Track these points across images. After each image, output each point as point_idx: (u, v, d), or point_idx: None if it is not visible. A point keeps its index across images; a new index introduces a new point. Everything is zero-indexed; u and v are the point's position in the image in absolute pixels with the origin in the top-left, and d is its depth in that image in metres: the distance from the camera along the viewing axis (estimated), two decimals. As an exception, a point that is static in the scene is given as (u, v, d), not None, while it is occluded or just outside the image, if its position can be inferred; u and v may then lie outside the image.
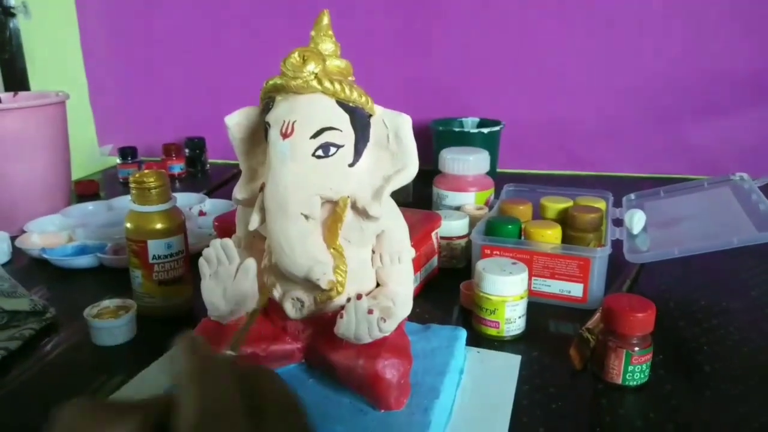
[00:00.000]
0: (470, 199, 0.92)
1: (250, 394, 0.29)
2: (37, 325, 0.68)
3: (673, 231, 0.78)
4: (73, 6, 1.49)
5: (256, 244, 0.53)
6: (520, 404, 0.54)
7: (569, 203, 0.88)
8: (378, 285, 0.51)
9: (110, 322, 0.65)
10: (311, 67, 0.45)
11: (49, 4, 1.44)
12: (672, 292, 0.77)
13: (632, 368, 0.57)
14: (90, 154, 1.49)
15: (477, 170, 0.93)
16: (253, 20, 1.42)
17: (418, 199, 1.06)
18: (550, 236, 0.78)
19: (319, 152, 0.46)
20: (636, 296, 0.59)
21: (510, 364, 0.57)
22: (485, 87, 1.35)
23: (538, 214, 0.89)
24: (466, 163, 0.92)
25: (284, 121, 0.46)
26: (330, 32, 0.49)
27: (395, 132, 0.48)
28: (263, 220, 0.48)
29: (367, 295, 0.50)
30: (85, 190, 1.22)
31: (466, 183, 0.93)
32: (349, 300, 0.45)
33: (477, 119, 1.26)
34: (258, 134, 0.52)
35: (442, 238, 0.83)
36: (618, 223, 0.84)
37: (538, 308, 0.70)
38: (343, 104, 0.47)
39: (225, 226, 0.79)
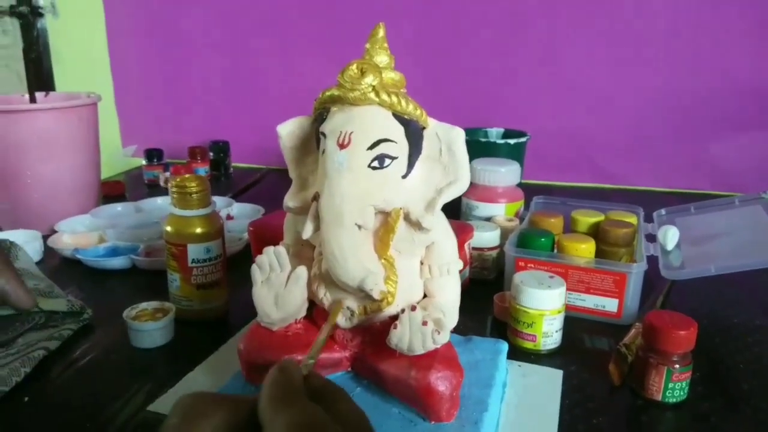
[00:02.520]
0: (500, 211, 0.92)
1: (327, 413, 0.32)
2: (75, 326, 0.69)
3: (706, 248, 0.78)
4: (101, 6, 1.50)
5: (305, 252, 0.53)
6: (562, 419, 0.54)
7: (601, 217, 0.88)
8: (425, 296, 0.52)
9: (149, 325, 0.65)
10: (369, 79, 0.46)
11: (78, 4, 1.45)
12: (704, 309, 0.77)
13: (672, 385, 0.57)
14: (113, 155, 1.50)
15: (508, 182, 0.93)
16: (280, 24, 1.43)
17: (446, 208, 1.04)
18: (584, 250, 0.78)
19: (375, 163, 0.46)
20: (677, 313, 0.59)
21: (552, 378, 0.57)
22: (510, 97, 1.35)
23: (569, 227, 0.89)
24: (498, 174, 0.92)
25: (341, 132, 0.46)
26: (385, 45, 0.50)
27: (448, 145, 0.48)
28: (316, 229, 0.48)
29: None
30: (111, 191, 1.23)
31: (497, 194, 0.93)
32: (403, 311, 0.45)
33: (502, 130, 1.26)
34: (309, 143, 0.52)
35: (474, 248, 0.83)
36: (651, 238, 0.83)
37: (572, 322, 0.70)
38: (398, 116, 0.47)
39: (260, 232, 0.80)
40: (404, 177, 0.48)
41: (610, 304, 0.73)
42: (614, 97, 1.30)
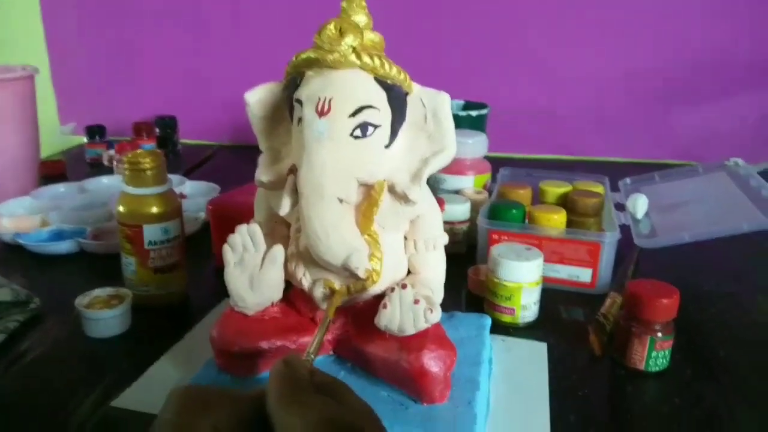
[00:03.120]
0: (469, 183, 0.90)
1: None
2: (21, 317, 0.63)
3: (675, 216, 0.78)
4: (33, -28, 1.39)
5: (279, 230, 0.50)
6: (550, 393, 0.53)
7: (568, 187, 0.87)
8: (408, 272, 0.49)
9: (104, 313, 0.60)
10: (349, 40, 0.42)
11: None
12: (673, 278, 0.76)
13: (655, 354, 0.57)
14: (51, 133, 1.40)
15: (475, 153, 0.91)
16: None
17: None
18: (556, 221, 0.77)
19: (357, 132, 0.43)
20: (658, 281, 0.59)
21: (537, 351, 0.56)
22: (471, 69, 1.33)
23: (537, 198, 0.88)
24: (465, 146, 0.89)
25: (320, 98, 0.42)
26: (363, 2, 0.46)
27: (434, 112, 0.45)
28: (294, 205, 0.44)
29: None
30: (51, 171, 1.15)
31: (465, 166, 0.90)
32: (393, 290, 0.42)
33: (462, 102, 1.23)
34: (280, 112, 0.48)
35: (444, 222, 0.80)
36: (619, 207, 0.83)
37: (546, 294, 0.69)
38: (380, 81, 0.44)
39: (220, 210, 0.75)
40: (387, 147, 0.45)
41: (584, 274, 0.72)
42: (575, 70, 1.30)
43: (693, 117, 1.27)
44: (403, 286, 0.42)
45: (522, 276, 0.63)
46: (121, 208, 0.64)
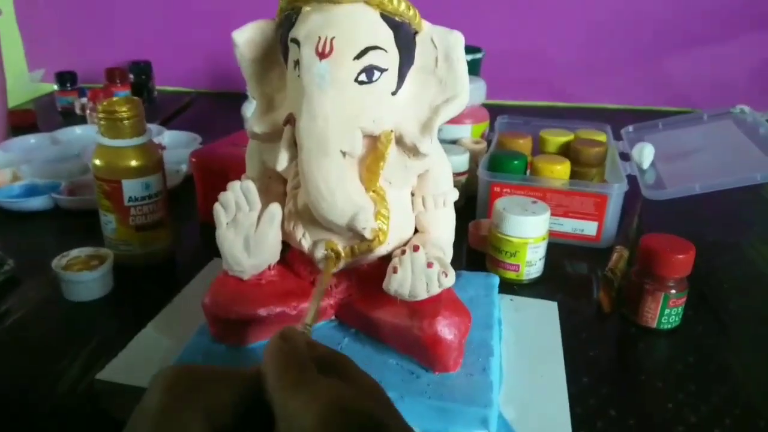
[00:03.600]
0: (466, 132, 0.86)
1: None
2: (-6, 280, 0.59)
3: (682, 166, 0.75)
4: None
5: (273, 186, 0.45)
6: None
7: (570, 136, 0.83)
8: (416, 231, 0.45)
9: (84, 275, 0.56)
10: (353, -31, 0.37)
11: None
12: (677, 230, 0.74)
13: (668, 311, 0.55)
14: (19, 80, 1.32)
15: (473, 100, 0.86)
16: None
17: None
18: (559, 171, 0.73)
19: (362, 77, 0.38)
20: (673, 236, 0.56)
21: (548, 311, 0.53)
22: (463, 14, 1.26)
23: (537, 147, 0.84)
24: (462, 92, 0.85)
25: (320, 38, 0.37)
26: (366, -71, 0.40)
27: (446, 53, 0.40)
28: (292, 159, 0.40)
29: (406, 244, 0.44)
30: (21, 121, 1.08)
31: (462, 115, 0.85)
32: (403, 252, 0.38)
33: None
34: (273, 54, 0.43)
35: (442, 174, 0.76)
36: (624, 157, 0.80)
37: (549, 249, 0.66)
38: (387, 18, 0.39)
39: (204, 162, 0.71)
40: (394, 94, 0.40)
41: (589, 228, 0.69)
42: (570, 16, 1.24)
43: (690, 62, 1.23)
44: (415, 248, 0.38)
45: (528, 231, 0.60)
46: (97, 162, 0.60)
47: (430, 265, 0.38)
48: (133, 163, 0.59)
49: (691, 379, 0.49)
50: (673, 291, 0.54)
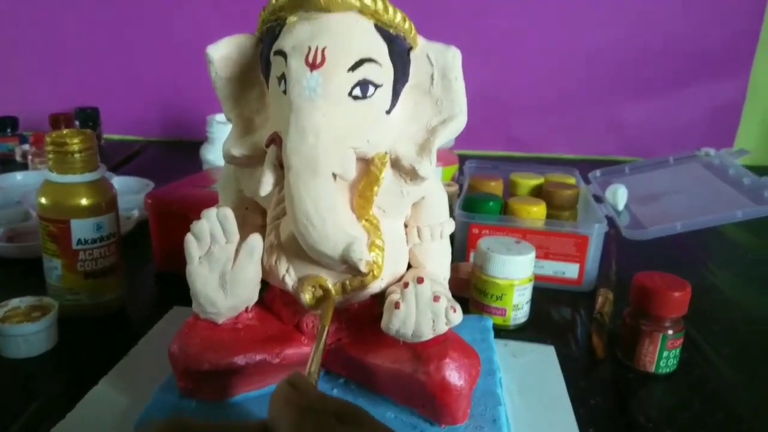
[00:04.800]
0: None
1: None
2: None
3: (657, 206, 0.74)
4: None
5: (250, 218, 0.41)
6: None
7: (540, 179, 0.82)
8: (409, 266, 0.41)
9: (25, 327, 0.49)
10: (347, -24, 0.34)
11: None
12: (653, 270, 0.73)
13: (667, 354, 0.52)
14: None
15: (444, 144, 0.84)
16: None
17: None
18: (536, 213, 0.71)
19: (357, 91, 0.35)
20: (666, 274, 0.54)
21: (545, 356, 0.49)
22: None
23: (508, 191, 0.82)
24: (432, 134, 0.83)
25: (309, 48, 0.34)
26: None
27: (442, 71, 0.38)
28: (277, 183, 0.36)
29: (400, 280, 0.39)
30: (-47, 167, 1.00)
31: (432, 157, 0.83)
32: (406, 285, 0.34)
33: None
34: (252, 72, 0.40)
35: (415, 217, 0.73)
36: (597, 199, 0.78)
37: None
38: (381, 30, 0.36)
39: (161, 204, 0.65)
40: (388, 113, 0.37)
41: (571, 270, 0.67)
42: (523, 64, 1.26)
43: (642, 113, 1.26)
44: (419, 280, 0.34)
45: (515, 272, 0.57)
46: (43, 200, 0.53)
47: (436, 298, 0.34)
48: (84, 201, 0.53)
49: (702, 428, 0.46)
50: (671, 332, 0.51)
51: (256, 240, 0.36)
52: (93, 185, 0.54)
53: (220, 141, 0.88)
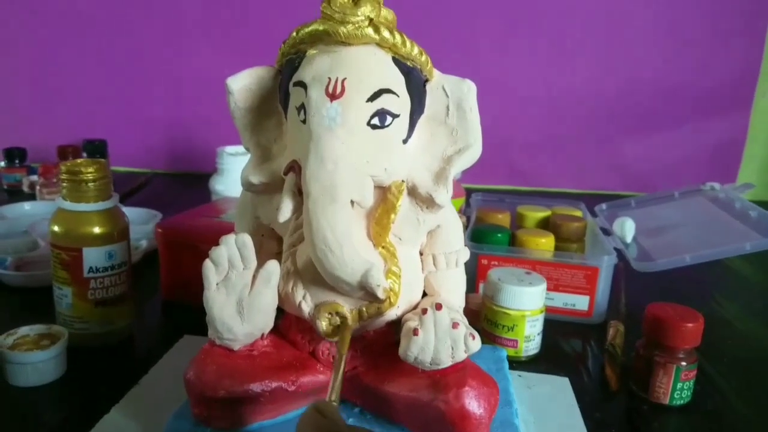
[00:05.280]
0: (444, 207, 0.83)
1: None
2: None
3: (664, 239, 0.74)
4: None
5: (267, 245, 0.41)
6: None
7: (548, 212, 0.82)
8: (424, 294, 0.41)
9: (34, 355, 0.49)
10: (366, 9, 0.35)
11: None
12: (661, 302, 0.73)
13: (681, 385, 0.51)
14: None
15: (450, 175, 0.85)
16: (167, 4, 1.26)
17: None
18: (544, 244, 0.71)
19: (375, 120, 0.35)
20: (678, 305, 0.53)
21: (560, 388, 0.49)
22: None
23: (515, 223, 0.83)
24: (439, 167, 0.83)
25: (329, 79, 0.35)
26: (372, -25, 0.39)
27: (458, 103, 0.38)
28: (296, 209, 0.36)
29: (416, 307, 0.39)
30: (-40, 198, 1.00)
31: (439, 189, 0.84)
32: (424, 311, 0.34)
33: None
34: (270, 103, 0.40)
35: (423, 248, 0.73)
36: (605, 232, 0.79)
37: (542, 324, 0.63)
38: (399, 62, 0.37)
39: (172, 234, 0.65)
40: (405, 142, 0.38)
41: (581, 302, 0.66)
42: (526, 99, 1.28)
43: (645, 148, 1.27)
44: (438, 307, 0.34)
45: (526, 303, 0.57)
46: (56, 228, 0.54)
47: (455, 325, 0.34)
48: (97, 229, 0.54)
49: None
50: (684, 363, 0.51)
51: (273, 266, 0.37)
52: (106, 214, 0.55)
53: (230, 172, 0.90)
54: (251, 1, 1.24)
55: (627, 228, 0.75)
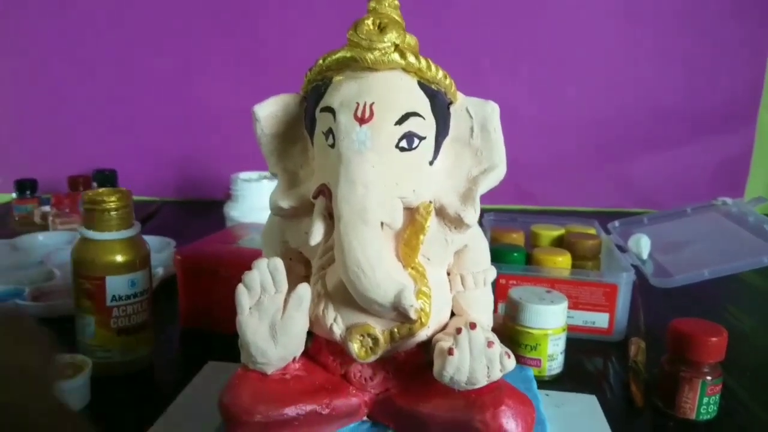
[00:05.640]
0: (458, 228, 0.84)
1: None
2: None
3: (680, 255, 0.74)
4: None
5: (295, 268, 0.41)
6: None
7: (561, 230, 0.82)
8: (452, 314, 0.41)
9: (61, 385, 0.49)
10: (392, 36, 0.36)
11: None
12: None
13: (707, 400, 0.51)
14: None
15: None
16: (176, 35, 1.28)
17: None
18: (561, 263, 0.71)
19: (403, 143, 0.36)
20: (701, 320, 0.53)
21: (588, 406, 0.49)
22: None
23: (529, 242, 0.83)
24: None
25: (358, 104, 0.35)
26: (396, 1, 0.40)
27: (482, 124, 0.39)
28: (327, 232, 0.36)
29: (445, 328, 0.40)
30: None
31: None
32: (459, 331, 0.34)
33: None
34: (295, 129, 0.41)
35: (439, 269, 0.73)
36: (620, 249, 0.79)
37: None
38: (424, 86, 0.37)
39: (191, 261, 0.65)
40: (431, 164, 0.38)
41: (601, 320, 0.66)
42: (534, 119, 1.29)
43: (651, 165, 1.28)
44: (472, 326, 0.34)
45: (549, 322, 0.57)
46: (78, 257, 0.54)
47: (490, 344, 0.34)
48: (119, 258, 0.54)
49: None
50: (709, 377, 0.51)
51: (304, 290, 0.37)
52: (128, 242, 0.55)
53: (244, 198, 0.91)
54: (260, 32, 1.26)
55: (643, 244, 0.75)
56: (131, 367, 0.56)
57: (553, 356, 0.57)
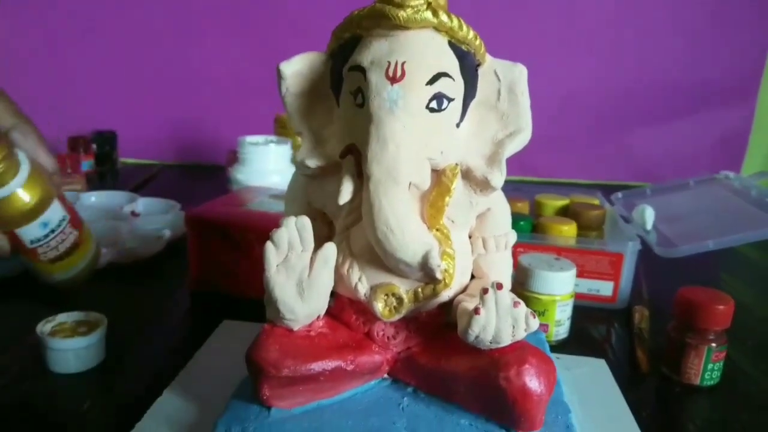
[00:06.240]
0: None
1: None
2: (-39, 351, 0.50)
3: (683, 226, 0.75)
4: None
5: (318, 229, 0.41)
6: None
7: (566, 200, 0.83)
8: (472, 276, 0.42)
9: (76, 341, 0.49)
10: (424, -6, 0.36)
11: None
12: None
13: (711, 366, 0.52)
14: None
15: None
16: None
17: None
18: (567, 231, 0.72)
19: (434, 104, 0.36)
20: (708, 288, 0.54)
21: (599, 369, 0.50)
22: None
23: (533, 212, 0.83)
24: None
25: (389, 63, 0.35)
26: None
27: (509, 86, 0.39)
28: (355, 191, 0.37)
29: (465, 289, 0.40)
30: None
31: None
32: (485, 291, 0.34)
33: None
34: (320, 88, 0.41)
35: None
36: (625, 219, 0.80)
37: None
38: (454, 47, 0.37)
39: (202, 220, 0.65)
40: (458, 126, 0.38)
41: (605, 288, 0.67)
42: (535, 92, 1.28)
43: (650, 138, 1.28)
44: (499, 286, 0.35)
45: (557, 288, 0.57)
46: None
47: (516, 304, 0.34)
48: (17, 210, 0.53)
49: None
50: (715, 344, 0.52)
51: (330, 249, 0.37)
52: (20, 192, 0.53)
53: (251, 162, 0.90)
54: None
55: (647, 215, 0.76)
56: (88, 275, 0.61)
57: (560, 322, 0.58)
